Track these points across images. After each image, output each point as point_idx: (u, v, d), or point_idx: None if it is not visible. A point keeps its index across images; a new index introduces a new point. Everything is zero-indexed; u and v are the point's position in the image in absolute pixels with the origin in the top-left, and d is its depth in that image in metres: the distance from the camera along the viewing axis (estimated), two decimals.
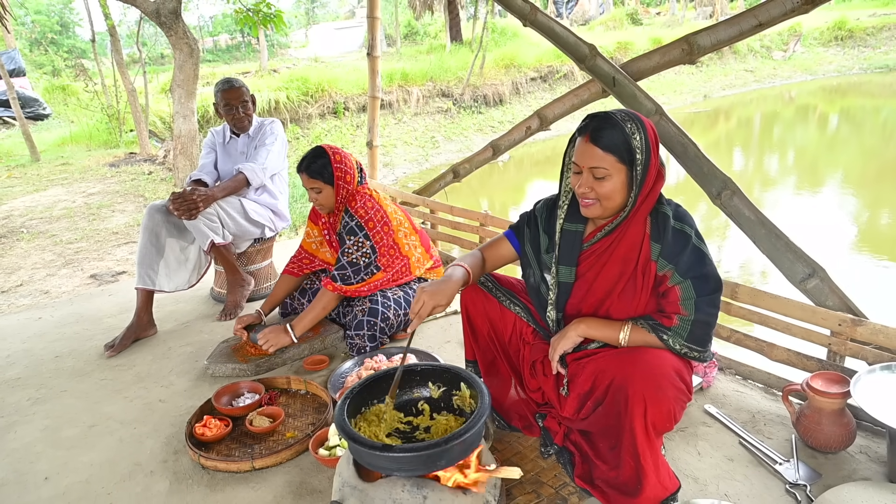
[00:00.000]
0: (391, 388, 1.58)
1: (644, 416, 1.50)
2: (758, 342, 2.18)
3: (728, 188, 2.21)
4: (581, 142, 1.55)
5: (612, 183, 1.52)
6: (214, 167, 3.25)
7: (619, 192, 1.54)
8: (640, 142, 1.50)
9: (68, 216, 6.18)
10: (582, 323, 1.64)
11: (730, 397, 2.17)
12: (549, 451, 1.87)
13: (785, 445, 1.89)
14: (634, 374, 1.50)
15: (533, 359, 1.89)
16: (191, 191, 2.84)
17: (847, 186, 7.81)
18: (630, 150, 1.50)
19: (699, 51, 2.31)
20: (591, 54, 2.58)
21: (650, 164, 1.52)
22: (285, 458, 1.93)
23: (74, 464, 2.00)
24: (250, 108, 3.18)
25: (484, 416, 1.37)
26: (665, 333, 1.54)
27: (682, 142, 2.35)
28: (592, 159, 1.51)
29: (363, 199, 2.55)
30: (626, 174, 1.52)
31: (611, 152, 1.50)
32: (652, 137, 1.53)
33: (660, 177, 1.57)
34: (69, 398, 2.40)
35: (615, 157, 1.50)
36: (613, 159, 1.50)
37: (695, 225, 1.58)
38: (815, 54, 19.42)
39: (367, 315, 2.51)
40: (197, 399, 2.33)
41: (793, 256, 2.08)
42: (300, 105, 11.17)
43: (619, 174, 1.52)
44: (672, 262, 1.54)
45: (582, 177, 1.56)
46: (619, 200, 1.55)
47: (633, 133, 1.50)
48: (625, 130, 1.50)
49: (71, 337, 2.96)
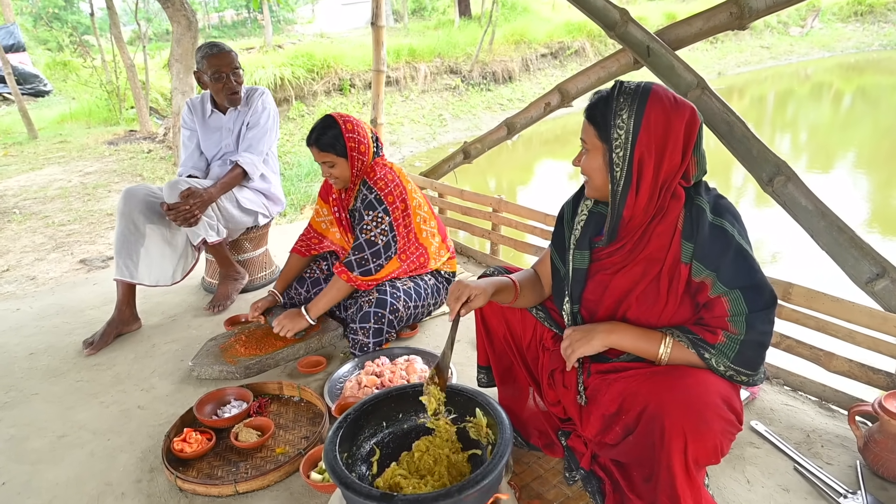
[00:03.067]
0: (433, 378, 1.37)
1: (684, 453, 1.24)
2: (813, 350, 1.91)
3: (782, 173, 1.92)
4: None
5: (591, 159, 1.35)
6: (200, 152, 2.92)
7: (598, 173, 1.34)
8: (625, 121, 1.26)
9: (63, 196, 5.95)
10: (612, 333, 1.37)
11: (779, 412, 1.90)
12: (574, 477, 1.62)
13: (849, 473, 1.63)
14: (672, 402, 1.24)
15: (552, 367, 1.64)
16: (186, 196, 2.52)
17: (883, 170, 7.37)
18: (608, 126, 1.28)
19: (751, 14, 2.01)
20: (623, 20, 2.28)
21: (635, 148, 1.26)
22: (273, 479, 1.69)
23: (38, 482, 1.77)
24: (242, 76, 2.80)
25: (506, 455, 1.12)
26: (707, 351, 1.27)
27: (727, 119, 2.06)
28: (583, 128, 1.37)
29: (382, 170, 2.30)
30: (604, 154, 1.31)
31: (592, 123, 1.33)
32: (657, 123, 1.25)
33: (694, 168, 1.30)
34: (40, 403, 2.17)
35: (594, 131, 1.32)
36: (593, 132, 1.32)
37: (739, 219, 1.31)
38: (834, 30, 18.82)
39: (374, 306, 2.26)
40: (179, 405, 2.09)
41: (858, 253, 1.80)
42: (305, 82, 10.84)
43: (596, 151, 1.33)
44: (711, 268, 1.27)
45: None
46: (599, 182, 1.35)
47: (622, 109, 1.26)
48: (610, 105, 1.28)
49: (49, 331, 2.73)
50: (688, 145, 1.26)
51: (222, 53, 2.70)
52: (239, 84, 2.78)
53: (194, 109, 2.91)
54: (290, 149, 8.78)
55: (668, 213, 1.32)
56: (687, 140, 1.26)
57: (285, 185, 6.14)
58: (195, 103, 2.92)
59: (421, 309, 2.42)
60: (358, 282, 2.29)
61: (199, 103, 2.91)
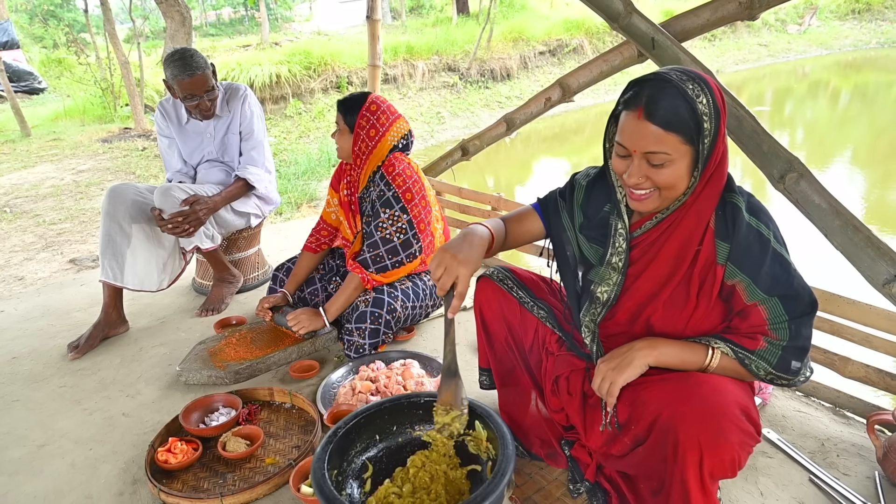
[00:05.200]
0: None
1: (699, 467, 1.16)
2: (827, 355, 1.82)
3: (794, 170, 1.84)
4: (630, 118, 1.17)
5: (676, 169, 1.16)
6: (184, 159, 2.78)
7: (683, 179, 1.18)
8: (708, 106, 1.13)
9: (55, 195, 5.86)
10: (654, 349, 1.26)
11: (791, 419, 1.82)
12: (578, 489, 1.54)
13: (867, 485, 1.55)
14: (687, 413, 1.16)
15: (557, 373, 1.55)
16: (192, 203, 2.44)
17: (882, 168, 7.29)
18: (698, 122, 1.13)
19: (761, 4, 1.92)
20: (627, 11, 2.19)
21: (719, 135, 1.16)
22: (262, 493, 1.61)
23: (15, 495, 1.68)
24: (216, 91, 2.60)
25: (507, 474, 1.04)
26: (749, 358, 1.20)
27: (736, 114, 1.98)
28: (648, 142, 1.15)
29: (401, 164, 2.21)
30: (691, 156, 1.17)
31: (674, 131, 1.13)
32: (719, 98, 1.16)
33: (726, 152, 1.21)
34: (20, 409, 2.09)
35: (679, 137, 1.14)
36: (677, 140, 1.14)
37: (774, 223, 1.23)
38: (831, 28, 18.78)
39: (371, 305, 2.17)
40: (165, 412, 2.01)
41: (874, 253, 1.71)
42: (302, 80, 10.74)
43: (683, 158, 1.16)
44: (748, 273, 1.20)
45: (632, 163, 1.19)
46: (682, 188, 1.20)
47: (699, 96, 1.13)
48: (687, 96, 1.13)
49: (33, 334, 2.64)
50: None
51: (194, 78, 2.48)
52: (213, 101, 2.62)
53: (168, 115, 2.73)
54: (286, 146, 8.67)
55: (702, 202, 1.22)
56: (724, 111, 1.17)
57: (282, 184, 6.06)
58: (167, 108, 2.73)
59: (419, 310, 2.34)
60: (373, 279, 2.20)
61: (173, 108, 2.73)
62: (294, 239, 3.75)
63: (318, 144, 8.52)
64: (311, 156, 7.57)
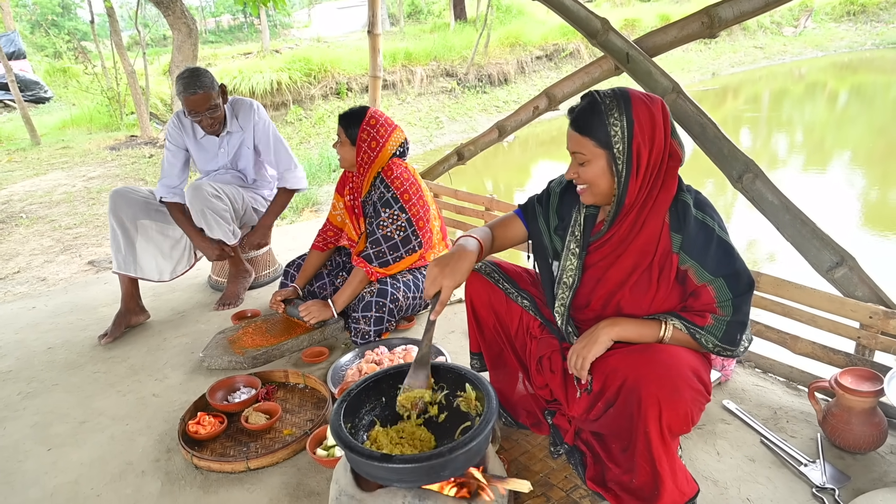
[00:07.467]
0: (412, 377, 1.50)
1: (659, 420, 1.39)
2: (780, 334, 2.06)
3: (750, 171, 2.07)
4: (568, 126, 1.48)
5: (593, 168, 1.45)
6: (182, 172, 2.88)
7: (602, 177, 1.45)
8: (619, 118, 1.39)
9: (68, 201, 6.09)
10: (615, 325, 1.50)
11: (749, 392, 2.06)
12: (559, 451, 1.77)
13: (810, 445, 1.78)
14: (648, 374, 1.40)
15: (540, 354, 1.78)
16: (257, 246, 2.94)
17: (871, 167, 7.52)
18: (606, 130, 1.40)
19: (720, 23, 2.16)
20: (604, 29, 2.43)
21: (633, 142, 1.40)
22: (282, 457, 1.84)
23: (63, 463, 1.91)
24: (220, 109, 2.73)
25: (491, 421, 1.27)
26: (698, 332, 1.44)
27: (700, 122, 2.22)
28: (571, 143, 1.47)
29: (399, 168, 2.45)
30: (607, 158, 1.43)
31: (587, 135, 1.43)
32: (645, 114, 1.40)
33: (674, 159, 1.44)
34: (60, 392, 2.32)
35: (592, 141, 1.43)
36: (591, 143, 1.43)
37: (718, 214, 1.48)
38: (827, 30, 18.95)
39: (375, 296, 2.41)
40: (191, 393, 2.24)
41: (819, 244, 1.95)
42: (302, 86, 10.96)
43: (598, 158, 1.43)
44: (697, 259, 1.44)
45: (571, 162, 1.50)
46: (604, 186, 1.46)
47: (611, 110, 1.40)
48: (599, 107, 1.41)
49: (64, 327, 2.87)
50: (666, 130, 1.42)
51: (196, 96, 2.59)
52: (217, 120, 2.75)
53: (184, 127, 2.85)
54: None
55: (659, 205, 1.46)
56: (665, 125, 1.41)
57: None
58: (185, 121, 2.85)
59: (419, 300, 2.57)
60: (376, 271, 2.43)
61: (189, 122, 2.85)
62: (301, 239, 3.98)
63: (319, 150, 8.73)
64: (312, 161, 7.78)
